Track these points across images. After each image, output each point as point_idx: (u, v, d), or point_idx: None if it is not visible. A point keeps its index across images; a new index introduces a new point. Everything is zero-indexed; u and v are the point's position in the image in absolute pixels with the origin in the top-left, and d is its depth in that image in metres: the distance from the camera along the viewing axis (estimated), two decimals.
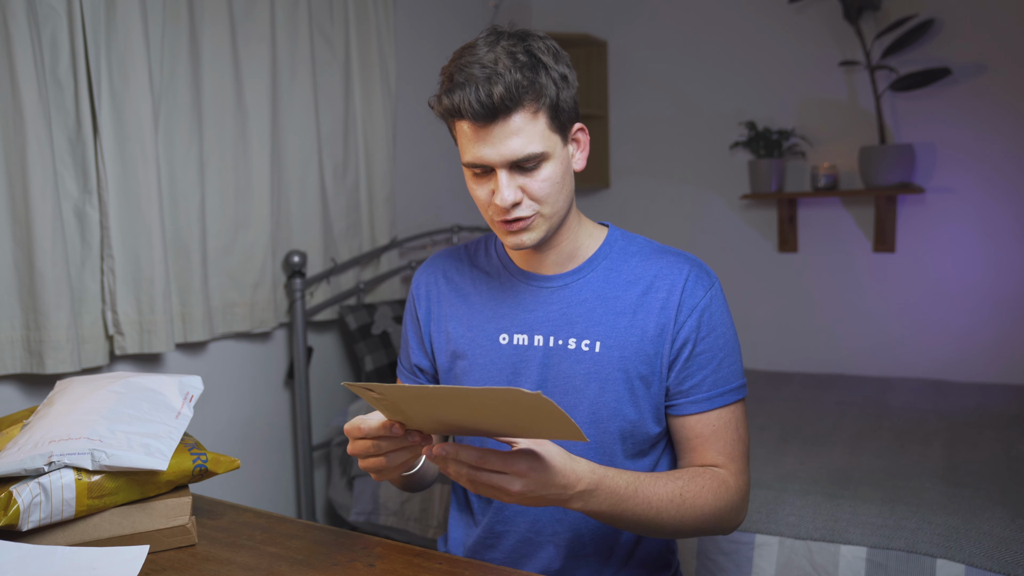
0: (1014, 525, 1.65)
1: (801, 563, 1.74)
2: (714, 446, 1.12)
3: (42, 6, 1.74)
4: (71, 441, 1.02)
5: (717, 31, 3.27)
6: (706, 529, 1.09)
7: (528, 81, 1.00)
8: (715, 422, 1.11)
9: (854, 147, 3.04)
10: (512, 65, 1.00)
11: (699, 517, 1.07)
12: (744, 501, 1.13)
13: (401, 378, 1.31)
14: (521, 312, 1.16)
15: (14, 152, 1.68)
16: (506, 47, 1.02)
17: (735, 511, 1.11)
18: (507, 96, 0.99)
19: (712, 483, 1.08)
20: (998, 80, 2.82)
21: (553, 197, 1.06)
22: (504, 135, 1.01)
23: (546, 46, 1.05)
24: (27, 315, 1.72)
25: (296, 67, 2.35)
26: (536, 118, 1.02)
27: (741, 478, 1.12)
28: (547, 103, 1.02)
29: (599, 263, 1.16)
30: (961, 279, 2.95)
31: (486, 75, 0.99)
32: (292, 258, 2.33)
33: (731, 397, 1.12)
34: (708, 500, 1.07)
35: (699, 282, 1.12)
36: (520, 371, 1.15)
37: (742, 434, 1.14)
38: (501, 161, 1.03)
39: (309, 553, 1.04)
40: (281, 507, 2.44)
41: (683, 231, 3.41)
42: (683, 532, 1.08)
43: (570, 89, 1.06)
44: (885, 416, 2.42)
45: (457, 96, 1.00)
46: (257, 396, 2.36)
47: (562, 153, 1.07)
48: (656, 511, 1.03)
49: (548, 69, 1.02)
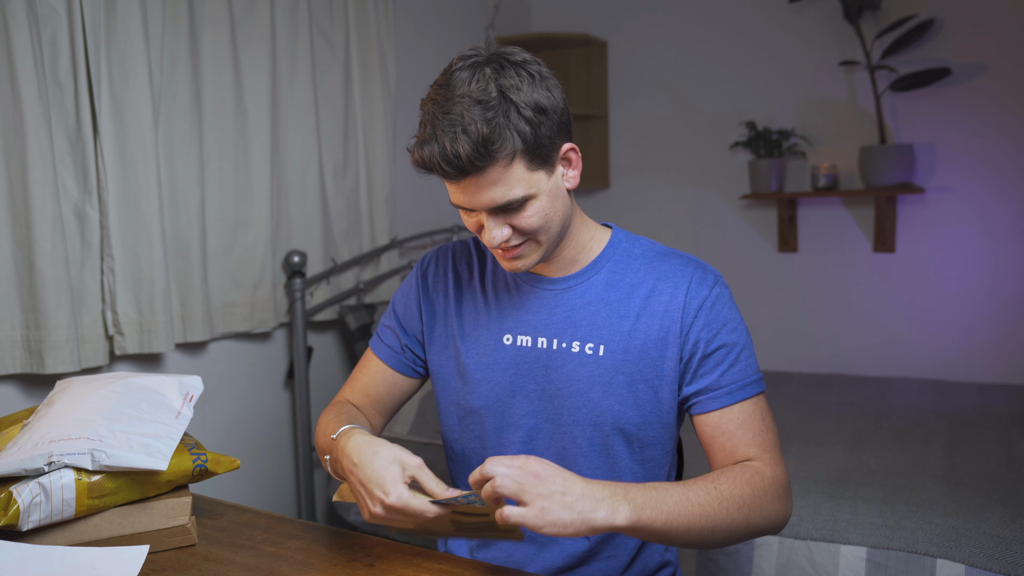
0: (1014, 525, 1.65)
1: (801, 563, 1.74)
2: (743, 439, 1.09)
3: (42, 6, 1.74)
4: (71, 441, 1.02)
5: (717, 31, 3.27)
6: (755, 524, 1.03)
7: (496, 133, 0.96)
8: (739, 415, 1.10)
9: (854, 147, 3.04)
10: (480, 117, 0.95)
11: (743, 508, 1.01)
12: (786, 491, 1.08)
13: (380, 353, 1.27)
14: (525, 314, 1.16)
15: (14, 152, 1.68)
16: (476, 93, 0.96)
17: (778, 500, 1.06)
18: (475, 155, 0.96)
19: (745, 473, 1.05)
20: (998, 80, 2.82)
21: (545, 227, 1.06)
22: (480, 187, 1.00)
23: (518, 76, 0.99)
24: (27, 315, 1.72)
25: (296, 67, 2.35)
26: (511, 167, 0.99)
27: (777, 467, 1.09)
28: (521, 148, 0.98)
29: (603, 266, 1.15)
30: (961, 279, 2.95)
31: (452, 133, 0.95)
32: (292, 258, 2.33)
33: (752, 390, 1.11)
34: (746, 490, 1.02)
35: (703, 282, 1.11)
36: (523, 373, 1.15)
37: (769, 424, 1.12)
38: (482, 208, 1.02)
39: (309, 553, 1.04)
40: (281, 507, 2.44)
41: (683, 231, 3.41)
42: (735, 530, 1.02)
43: (549, 119, 1.01)
44: (885, 416, 2.42)
45: (426, 152, 0.98)
46: (257, 396, 2.36)
47: (548, 185, 1.04)
48: (700, 508, 0.98)
49: (520, 109, 0.97)
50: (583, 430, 1.13)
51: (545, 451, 1.15)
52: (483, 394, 1.17)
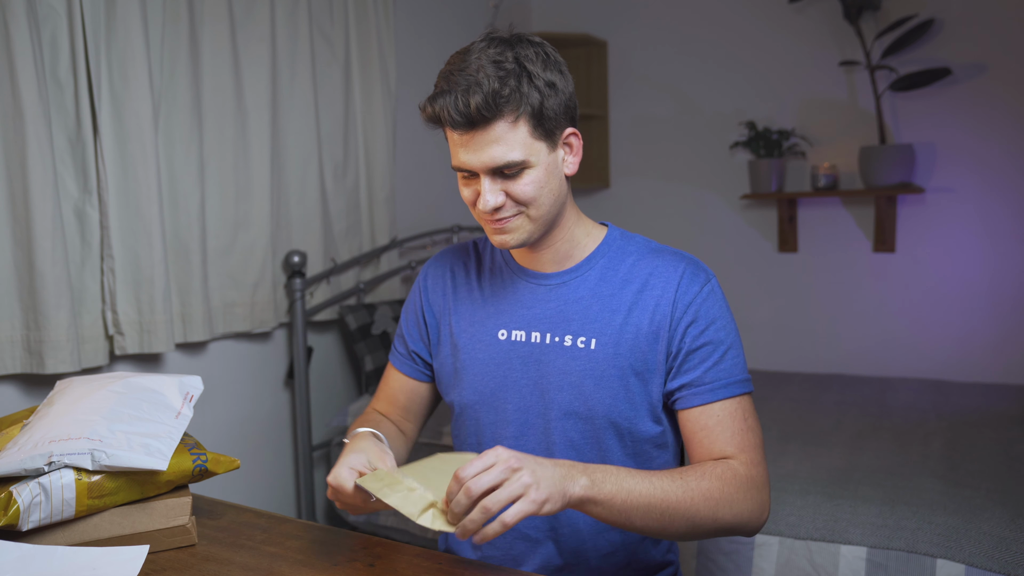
0: (1014, 525, 1.65)
1: (801, 563, 1.74)
2: (721, 436, 1.09)
3: (42, 6, 1.74)
4: (71, 441, 1.02)
5: (717, 31, 3.27)
6: (723, 520, 1.03)
7: (508, 90, 1.01)
8: (719, 413, 1.10)
9: (854, 147, 3.04)
10: (494, 74, 1.01)
11: (709, 501, 1.01)
12: (761, 492, 1.07)
13: (395, 362, 1.32)
14: (520, 308, 1.18)
15: (14, 152, 1.68)
16: (493, 55, 1.03)
17: (750, 499, 1.05)
18: (484, 106, 1.01)
19: (716, 469, 1.05)
20: (998, 80, 2.82)
21: (538, 201, 1.08)
22: (484, 143, 1.04)
23: (535, 53, 1.05)
24: (27, 315, 1.72)
25: (296, 67, 2.35)
26: (516, 126, 1.03)
27: (755, 468, 1.08)
28: (528, 111, 1.03)
29: (597, 261, 1.17)
30: (961, 279, 2.95)
31: (466, 84, 1.01)
32: (292, 258, 2.33)
33: (736, 389, 1.10)
34: (714, 484, 1.02)
35: (695, 279, 1.12)
36: (516, 367, 1.17)
37: (751, 424, 1.11)
38: (482, 167, 1.05)
39: (309, 553, 1.04)
40: (281, 507, 2.44)
41: (683, 231, 3.41)
42: (699, 523, 1.02)
43: (558, 96, 1.06)
44: (885, 416, 2.42)
45: (438, 104, 1.03)
46: (257, 396, 2.36)
47: (548, 159, 1.08)
48: (662, 493, 0.99)
49: (532, 77, 1.03)
50: (575, 423, 1.14)
51: (536, 445, 1.17)
52: (477, 389, 1.19)
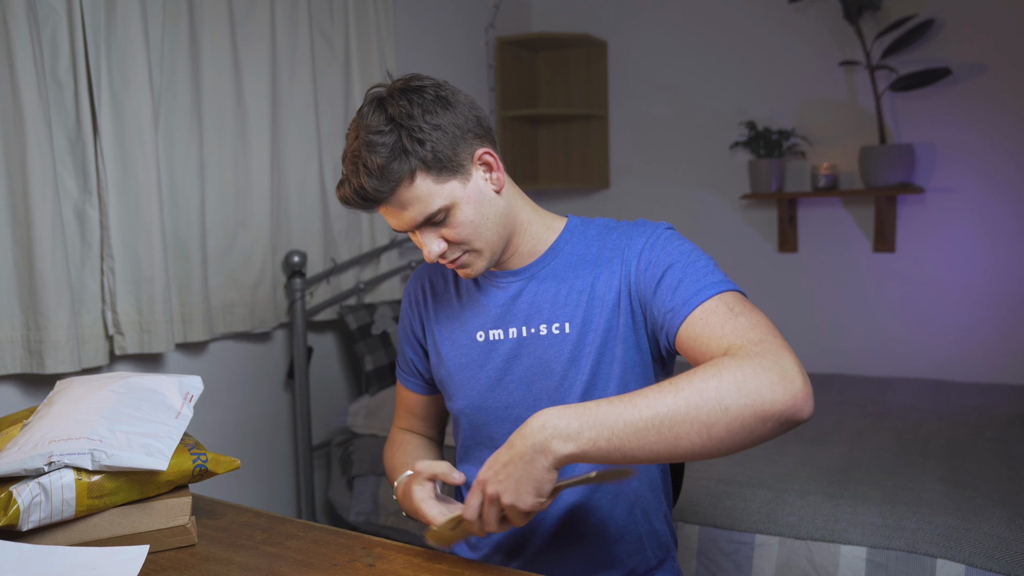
0: (1014, 525, 1.65)
1: (801, 563, 1.74)
2: (711, 336, 0.97)
3: (42, 6, 1.74)
4: (71, 441, 1.02)
5: (717, 31, 3.27)
6: (737, 406, 0.86)
7: (394, 159, 1.02)
8: (701, 317, 1.00)
9: (854, 147, 3.04)
10: (376, 150, 1.01)
11: (706, 394, 0.87)
12: (777, 365, 0.88)
13: (401, 380, 1.36)
14: (494, 308, 1.19)
15: (14, 152, 1.68)
16: (373, 126, 1.02)
17: (765, 374, 0.88)
18: (378, 185, 1.02)
19: (708, 365, 0.91)
20: (998, 80, 2.82)
21: (476, 235, 1.09)
22: (397, 209, 1.06)
23: (411, 100, 1.03)
24: (27, 315, 1.72)
25: (296, 67, 2.35)
26: (416, 184, 1.03)
27: (760, 346, 0.91)
28: (421, 165, 1.03)
29: (560, 249, 1.17)
30: (961, 279, 2.95)
31: (355, 170, 1.03)
32: (292, 258, 2.33)
33: (709, 291, 1.01)
34: (708, 373, 0.89)
35: (643, 230, 1.12)
36: (500, 366, 1.17)
37: (741, 311, 0.98)
38: (409, 228, 1.08)
39: (309, 553, 1.04)
40: (281, 507, 2.44)
41: (683, 231, 3.33)
42: (710, 422, 0.86)
43: (447, 133, 1.04)
44: (885, 416, 2.42)
45: (340, 193, 1.07)
46: (257, 396, 2.36)
47: (467, 192, 1.07)
48: (651, 412, 0.87)
49: (413, 131, 1.02)
50: None
51: None
52: (465, 393, 1.20)
